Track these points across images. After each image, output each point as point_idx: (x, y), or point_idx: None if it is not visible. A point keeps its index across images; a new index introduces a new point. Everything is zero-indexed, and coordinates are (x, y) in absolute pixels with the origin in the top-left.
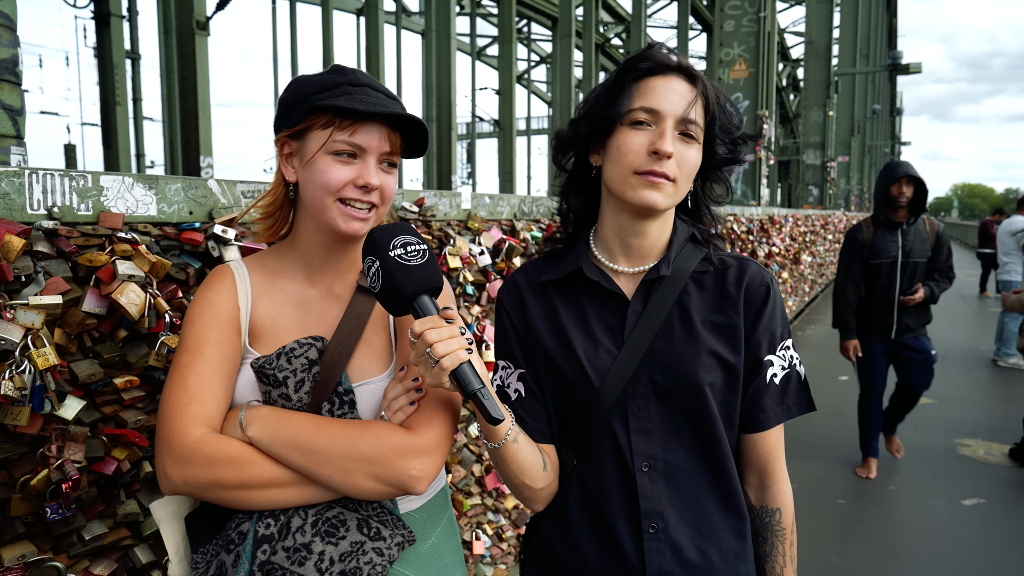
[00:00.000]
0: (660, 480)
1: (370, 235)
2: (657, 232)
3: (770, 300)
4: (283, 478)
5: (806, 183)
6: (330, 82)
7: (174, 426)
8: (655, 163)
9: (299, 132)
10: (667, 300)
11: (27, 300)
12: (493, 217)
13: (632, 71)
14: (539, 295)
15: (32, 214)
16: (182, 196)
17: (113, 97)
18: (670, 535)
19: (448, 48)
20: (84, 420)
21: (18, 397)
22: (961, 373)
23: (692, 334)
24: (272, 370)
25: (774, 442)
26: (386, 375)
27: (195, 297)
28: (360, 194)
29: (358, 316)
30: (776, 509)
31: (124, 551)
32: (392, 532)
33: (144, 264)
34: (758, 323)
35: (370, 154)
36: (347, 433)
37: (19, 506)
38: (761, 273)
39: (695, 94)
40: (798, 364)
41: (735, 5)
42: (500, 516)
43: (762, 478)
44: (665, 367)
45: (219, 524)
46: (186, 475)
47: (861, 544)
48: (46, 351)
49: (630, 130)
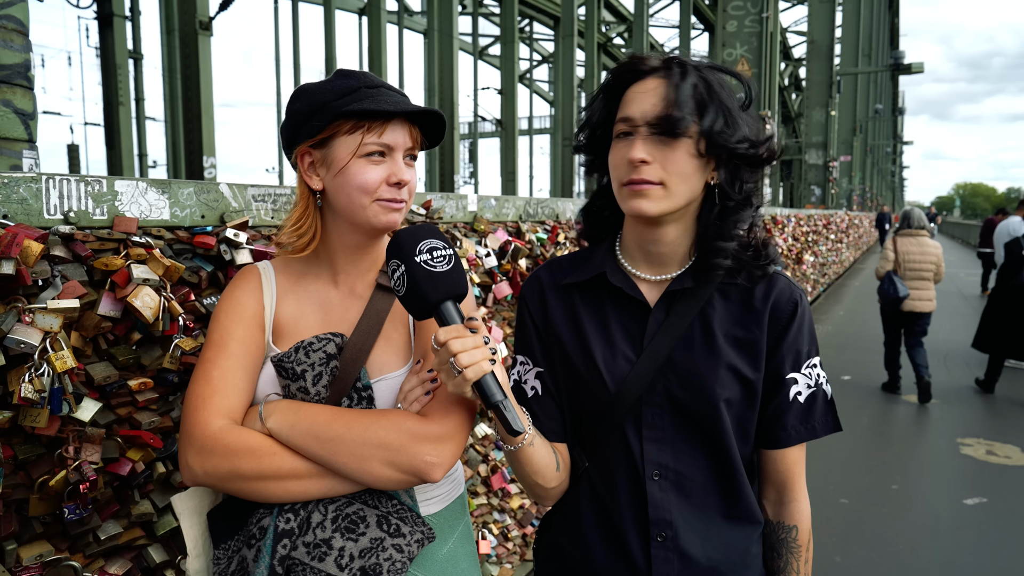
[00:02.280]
0: (671, 489)
1: (396, 237)
2: (674, 239)
3: (797, 317)
4: (301, 469)
5: (808, 183)
6: (346, 87)
7: (196, 417)
8: (633, 172)
9: (323, 140)
10: (690, 312)
11: (45, 304)
12: (499, 219)
13: (611, 88)
14: (561, 295)
15: (49, 219)
16: (194, 200)
17: (116, 97)
18: (679, 544)
19: (450, 48)
20: (100, 421)
21: (37, 399)
22: (963, 373)
23: (712, 348)
24: (291, 363)
25: (794, 459)
26: (404, 370)
27: (223, 295)
28: (395, 192)
29: (377, 313)
30: (793, 526)
31: (138, 551)
32: (412, 529)
33: (158, 268)
34: (783, 340)
35: (398, 151)
36: (363, 420)
37: (37, 506)
38: (791, 289)
39: (666, 88)
40: (825, 383)
41: (737, 6)
42: (506, 516)
43: (781, 494)
44: (682, 379)
45: (241, 520)
46: (207, 465)
47: (863, 543)
48: (64, 354)
49: (616, 144)
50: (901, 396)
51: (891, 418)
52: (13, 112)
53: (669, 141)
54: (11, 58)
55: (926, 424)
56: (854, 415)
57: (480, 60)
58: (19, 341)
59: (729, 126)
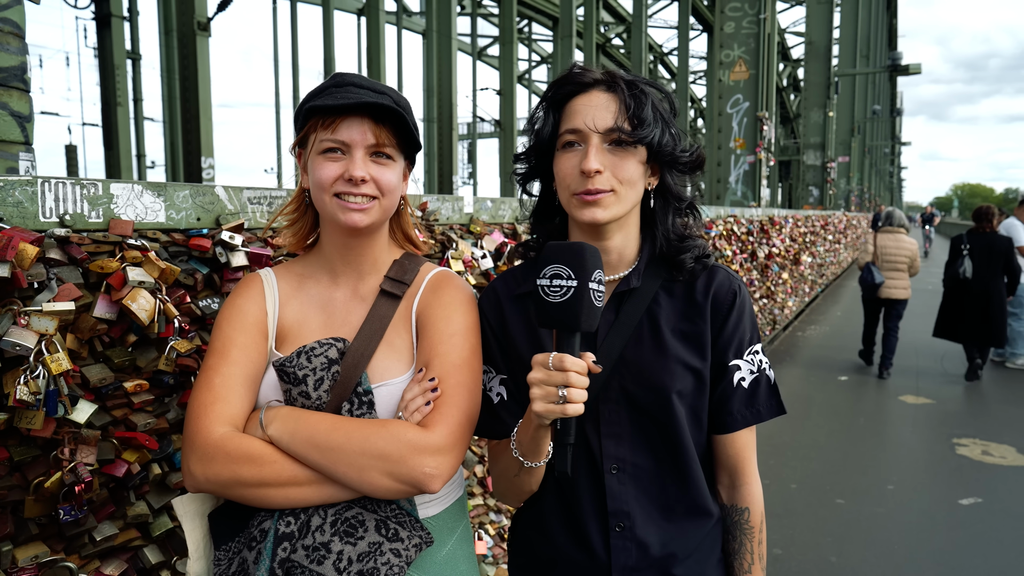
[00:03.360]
0: (628, 482)
1: (581, 249)
2: (621, 242)
3: (736, 306)
4: (301, 477)
5: (806, 183)
6: (320, 87)
7: (198, 424)
8: (586, 182)
9: (303, 140)
10: (637, 311)
11: (41, 307)
12: (495, 221)
13: (554, 98)
14: (516, 305)
15: (44, 222)
16: (190, 203)
17: (114, 98)
18: (636, 534)
19: (449, 48)
20: (95, 423)
21: (33, 402)
22: (959, 372)
23: (661, 344)
24: (292, 368)
25: (743, 443)
26: (406, 376)
27: (225, 303)
28: (349, 187)
29: (381, 318)
30: (745, 508)
31: (134, 552)
32: (410, 534)
33: (154, 270)
34: (724, 328)
35: (356, 148)
36: (363, 430)
37: (33, 508)
38: (729, 280)
39: (616, 102)
40: (767, 368)
41: (735, 7)
42: (502, 516)
43: (732, 478)
44: (635, 375)
45: (242, 522)
46: (208, 472)
47: (859, 543)
48: (59, 356)
49: (563, 154)
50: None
51: (887, 419)
52: (9, 115)
53: (620, 151)
54: (7, 61)
55: (922, 424)
56: (850, 416)
57: (479, 61)
58: (14, 343)
59: (673, 138)
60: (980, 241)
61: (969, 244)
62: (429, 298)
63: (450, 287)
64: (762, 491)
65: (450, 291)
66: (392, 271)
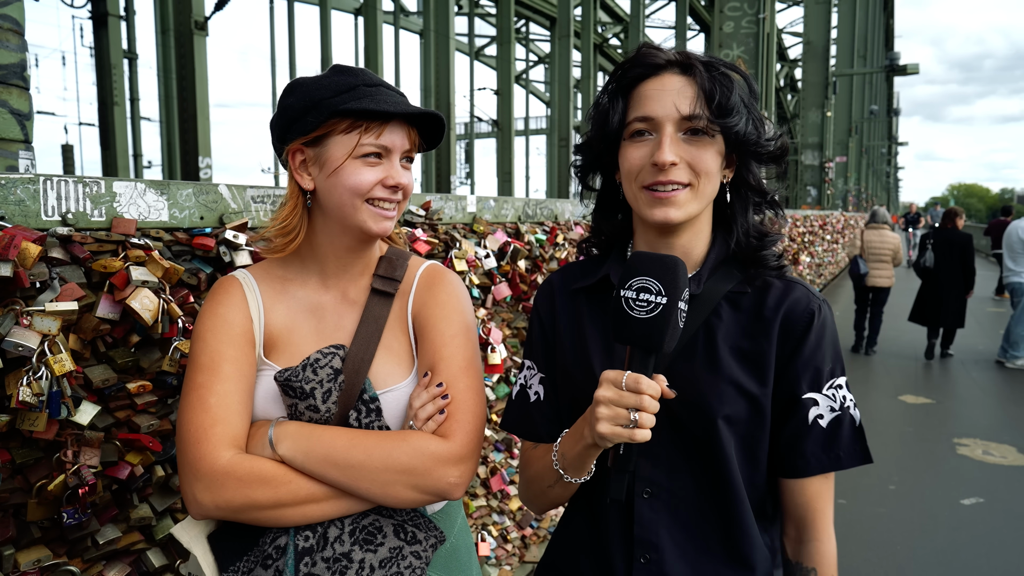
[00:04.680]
0: (662, 509)
1: (675, 262)
2: (688, 243)
3: (815, 328)
4: (319, 494)
5: (804, 183)
6: (344, 84)
7: (201, 450)
8: (659, 174)
9: (317, 138)
10: (694, 321)
11: (43, 306)
12: (498, 220)
13: (623, 81)
14: (570, 300)
15: (47, 220)
16: (193, 201)
17: (111, 97)
18: (663, 570)
19: (447, 48)
20: (98, 425)
21: (35, 403)
22: (959, 373)
23: (714, 361)
24: (299, 382)
25: (816, 492)
26: (410, 380)
27: (203, 311)
28: (389, 194)
29: (375, 320)
30: (811, 569)
31: (137, 555)
32: (426, 535)
33: (157, 270)
34: (798, 354)
35: (395, 153)
36: (383, 446)
37: (35, 511)
38: (808, 298)
39: (694, 87)
40: (853, 407)
41: (734, 7)
42: (505, 518)
43: (800, 531)
44: (680, 391)
45: (247, 541)
46: (219, 500)
47: (860, 544)
48: (62, 357)
49: (631, 144)
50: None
51: (888, 418)
52: (9, 112)
53: (696, 141)
54: (7, 58)
55: (923, 424)
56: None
57: (476, 61)
58: (17, 344)
59: (756, 127)
60: (943, 236)
61: (933, 239)
62: (425, 296)
63: (445, 283)
64: (835, 551)
65: (446, 287)
66: (380, 268)
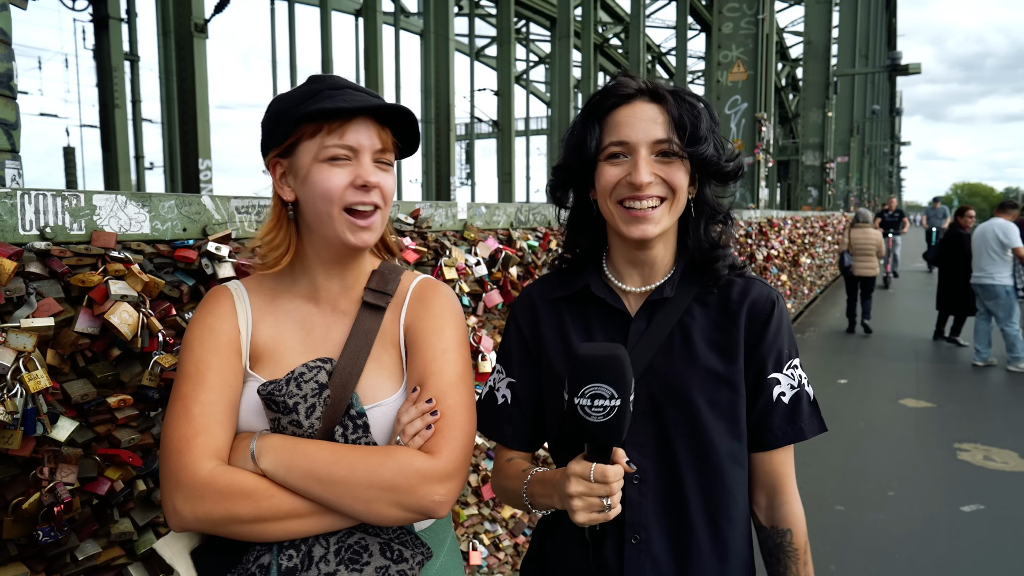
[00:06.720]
0: (649, 493)
1: (619, 360)
2: (659, 254)
3: (775, 316)
4: (301, 509)
5: (805, 184)
6: (309, 91)
7: (182, 461)
8: (635, 191)
9: (289, 148)
10: (670, 320)
11: (19, 323)
12: (489, 227)
13: (598, 109)
14: (551, 308)
15: (24, 235)
16: (175, 213)
17: (112, 99)
18: (651, 549)
19: (447, 49)
20: (77, 440)
21: (10, 421)
22: (960, 376)
23: (691, 353)
24: (282, 396)
25: (781, 461)
26: (398, 395)
27: (193, 320)
28: (362, 195)
29: (365, 333)
30: (787, 530)
31: (118, 570)
32: (413, 552)
33: (137, 284)
34: (763, 339)
35: (363, 153)
36: (367, 461)
37: (11, 528)
38: (768, 290)
39: (665, 115)
40: (807, 384)
41: (733, 7)
42: (497, 526)
43: (771, 498)
44: (663, 384)
45: (231, 557)
46: (199, 512)
47: (859, 551)
48: (38, 374)
49: (608, 164)
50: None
51: (888, 422)
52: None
53: (667, 160)
54: None
55: (923, 429)
56: (850, 419)
57: (476, 61)
58: None
59: (717, 151)
60: (952, 232)
61: (945, 235)
62: (417, 310)
63: (437, 297)
64: (803, 512)
65: (438, 301)
66: (372, 282)
